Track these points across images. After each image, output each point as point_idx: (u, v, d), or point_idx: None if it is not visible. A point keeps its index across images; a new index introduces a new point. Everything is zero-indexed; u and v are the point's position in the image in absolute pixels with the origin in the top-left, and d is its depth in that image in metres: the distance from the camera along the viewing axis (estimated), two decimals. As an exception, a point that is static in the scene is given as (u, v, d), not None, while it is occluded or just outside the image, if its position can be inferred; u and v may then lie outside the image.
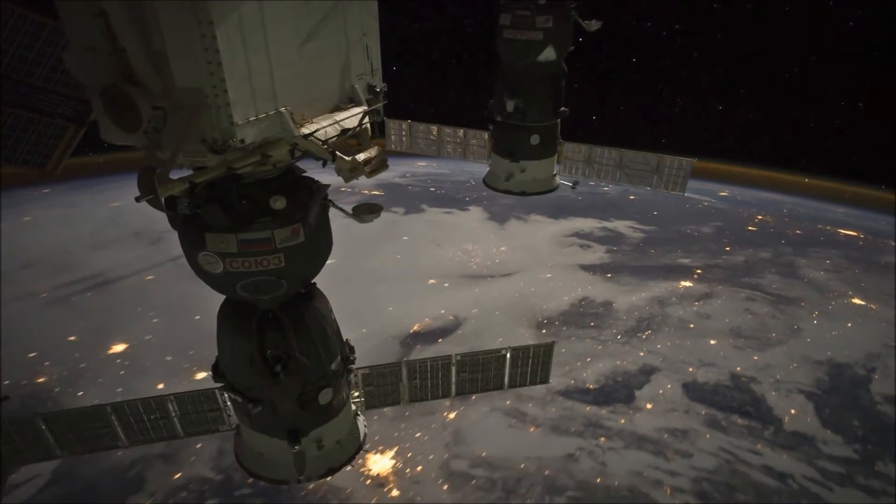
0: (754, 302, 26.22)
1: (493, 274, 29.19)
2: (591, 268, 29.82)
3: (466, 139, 8.86)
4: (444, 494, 16.74)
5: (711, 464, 17.47)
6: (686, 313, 25.42)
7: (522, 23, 6.92)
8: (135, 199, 2.80)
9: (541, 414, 19.84)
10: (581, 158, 8.23)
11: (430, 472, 17.35)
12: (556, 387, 21.11)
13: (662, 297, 26.67)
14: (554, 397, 20.64)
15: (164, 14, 2.50)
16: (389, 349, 22.64)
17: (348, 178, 3.43)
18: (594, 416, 19.66)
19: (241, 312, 3.95)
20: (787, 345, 23.13)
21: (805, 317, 25.09)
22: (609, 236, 33.77)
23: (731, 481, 16.88)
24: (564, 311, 25.72)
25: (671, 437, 18.59)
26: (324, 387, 4.25)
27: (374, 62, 3.50)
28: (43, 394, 20.38)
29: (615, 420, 19.50)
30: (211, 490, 16.65)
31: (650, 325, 24.68)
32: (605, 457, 17.91)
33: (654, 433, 18.79)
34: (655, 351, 22.92)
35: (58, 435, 5.11)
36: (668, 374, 21.58)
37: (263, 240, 3.41)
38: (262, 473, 4.75)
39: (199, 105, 2.68)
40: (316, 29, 3.01)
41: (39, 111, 4.31)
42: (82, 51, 2.77)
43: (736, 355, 22.53)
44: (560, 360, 21.96)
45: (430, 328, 24.53)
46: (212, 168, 2.95)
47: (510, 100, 7.48)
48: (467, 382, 5.72)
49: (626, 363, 22.34)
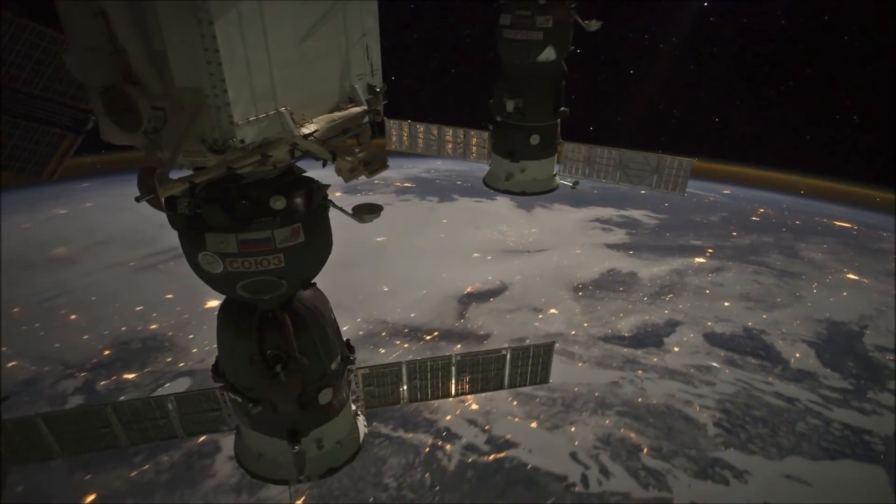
0: (760, 275, 29.86)
1: (528, 249, 32.98)
2: (615, 246, 33.51)
3: (466, 139, 8.84)
4: (514, 408, 20.48)
5: (731, 390, 21.31)
6: (701, 282, 29.33)
7: (522, 23, 6.89)
8: (135, 199, 2.78)
9: (586, 353, 23.84)
10: (581, 158, 8.19)
11: (500, 395, 20.43)
12: (597, 334, 25.16)
13: (680, 269, 30.53)
14: (595, 342, 24.59)
15: (163, 14, 2.49)
16: (450, 306, 26.97)
17: (348, 178, 3.41)
18: (631, 356, 23.55)
19: (241, 312, 3.93)
20: (791, 307, 26.85)
21: (805, 287, 28.75)
22: (627, 222, 37.46)
23: (748, 402, 20.66)
24: (595, 279, 29.77)
25: (697, 371, 22.51)
26: (324, 387, 4.23)
27: (374, 62, 3.47)
28: (160, 336, 24.09)
29: (649, 359, 23.31)
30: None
31: (671, 291, 28.66)
32: (643, 384, 21.77)
33: (682, 368, 22.67)
34: (678, 310, 26.80)
35: (58, 435, 5.10)
36: (690, 327, 25.45)
37: (263, 240, 3.40)
38: (262, 473, 4.74)
39: (199, 105, 2.66)
40: (316, 29, 2.99)
41: (37, 119, 4.31)
42: (82, 51, 2.76)
43: (747, 314, 26.28)
44: (597, 314, 26.70)
45: (480, 290, 28.59)
46: (212, 168, 2.94)
47: (510, 100, 7.45)
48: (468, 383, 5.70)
49: (654, 318, 26.23)
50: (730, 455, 18.62)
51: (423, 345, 24.25)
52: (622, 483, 17.57)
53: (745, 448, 18.95)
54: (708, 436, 19.44)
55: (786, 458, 18.55)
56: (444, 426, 19.71)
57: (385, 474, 17.75)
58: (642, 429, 19.66)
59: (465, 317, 26.45)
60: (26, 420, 5.03)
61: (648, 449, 18.80)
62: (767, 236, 34.86)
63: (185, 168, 3.03)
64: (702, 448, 18.92)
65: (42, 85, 4.07)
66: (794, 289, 28.62)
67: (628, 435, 19.39)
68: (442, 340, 24.60)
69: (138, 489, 16.99)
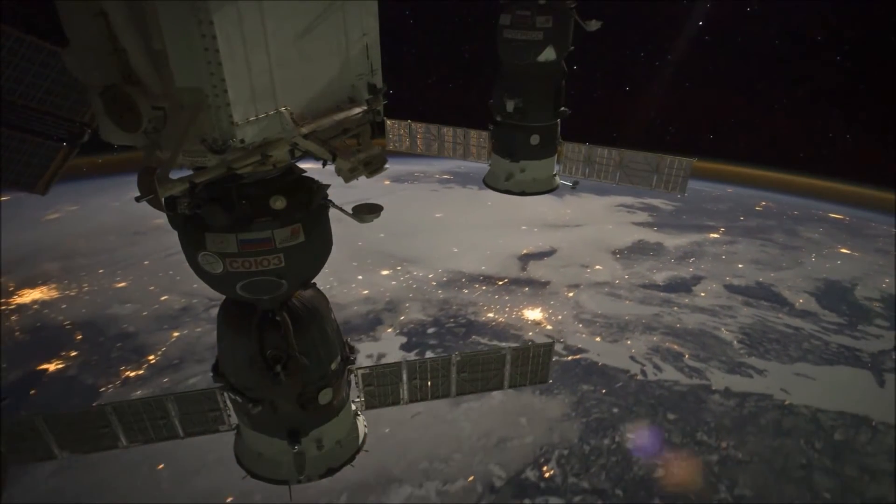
0: (766, 247, 35.99)
1: (567, 224, 39.09)
2: (640, 224, 39.84)
3: (467, 139, 8.85)
4: (580, 328, 26.48)
5: (749, 321, 27.37)
6: (718, 251, 35.45)
7: (522, 23, 6.88)
8: (135, 199, 2.75)
9: (630, 295, 29.77)
10: (581, 158, 8.22)
11: (567, 319, 27.42)
12: (636, 283, 31.03)
13: (698, 241, 36.71)
14: (636, 288, 30.50)
15: (163, 14, 2.48)
16: (512, 262, 33.11)
17: (348, 178, 3.39)
18: (666, 298, 29.58)
19: (241, 312, 3.92)
20: (794, 269, 32.83)
21: (805, 256, 34.81)
22: (647, 207, 43.45)
23: (763, 329, 26.71)
24: (629, 246, 35.81)
25: (720, 308, 28.49)
26: (324, 387, 4.22)
27: (374, 62, 3.43)
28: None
29: (681, 300, 29.39)
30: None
31: (693, 255, 34.73)
32: (679, 315, 27.79)
33: (708, 306, 28.68)
34: (700, 269, 32.90)
35: (58, 435, 5.05)
36: (711, 280, 31.47)
37: (263, 240, 3.39)
38: (262, 473, 4.72)
39: (198, 105, 2.65)
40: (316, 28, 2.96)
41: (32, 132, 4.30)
42: (82, 51, 2.75)
43: (758, 272, 32.35)
44: (634, 270, 32.72)
45: (534, 252, 34.59)
46: (212, 168, 2.92)
47: (510, 100, 7.43)
48: (467, 382, 5.64)
49: (681, 273, 32.37)
50: (752, 360, 24.14)
51: (498, 287, 29.93)
52: (671, 375, 22.99)
53: (763, 356, 24.45)
54: (734, 348, 24.95)
55: (795, 364, 24.03)
56: (528, 339, 25.09)
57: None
58: (682, 343, 25.18)
59: (526, 269, 32.06)
60: (26, 420, 4.98)
61: (689, 355, 24.28)
62: (770, 221, 40.89)
63: (185, 168, 3.01)
64: (729, 356, 24.40)
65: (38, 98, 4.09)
66: (796, 257, 34.57)
67: (672, 346, 24.89)
68: (511, 285, 30.18)
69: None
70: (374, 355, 23.80)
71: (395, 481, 17.63)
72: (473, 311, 27.52)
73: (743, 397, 21.86)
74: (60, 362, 23.50)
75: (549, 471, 18.36)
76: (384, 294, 28.84)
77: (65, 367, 23.20)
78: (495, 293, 29.32)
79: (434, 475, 17.92)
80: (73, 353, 24.01)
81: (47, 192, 4.62)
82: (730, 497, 17.45)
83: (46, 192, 4.61)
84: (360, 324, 26.23)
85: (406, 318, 26.78)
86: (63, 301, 28.08)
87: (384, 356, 23.74)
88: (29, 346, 24.42)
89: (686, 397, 21.79)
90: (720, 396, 21.86)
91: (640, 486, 17.81)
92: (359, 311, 27.26)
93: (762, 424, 20.51)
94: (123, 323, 25.74)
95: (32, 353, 23.89)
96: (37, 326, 25.96)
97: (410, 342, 24.96)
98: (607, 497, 17.47)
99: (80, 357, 23.75)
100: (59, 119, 4.28)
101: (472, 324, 26.55)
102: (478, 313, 27.39)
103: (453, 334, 25.66)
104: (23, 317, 26.83)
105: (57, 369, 23.09)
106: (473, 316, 27.14)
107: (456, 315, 27.13)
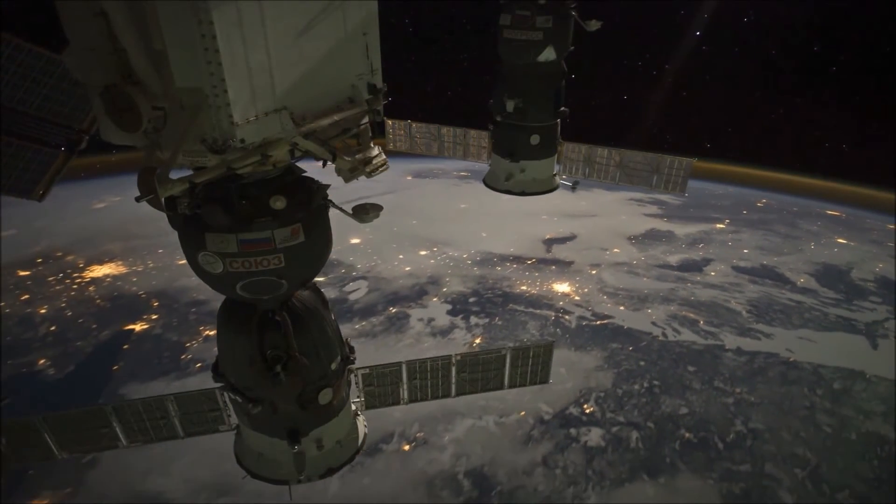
0: (769, 235, 38.82)
1: (584, 215, 41.35)
2: (651, 214, 42.51)
3: (467, 139, 8.86)
4: (605, 299, 29.46)
5: (756, 296, 30.24)
6: (724, 238, 38.30)
7: (522, 23, 6.88)
8: (135, 199, 2.76)
9: (647, 273, 32.62)
10: (581, 158, 8.24)
11: (593, 292, 30.25)
12: (652, 263, 33.78)
13: (706, 230, 39.45)
14: (652, 267, 33.31)
15: (163, 14, 2.48)
16: (538, 245, 35.98)
17: (348, 178, 3.41)
18: (680, 276, 32.43)
19: (241, 312, 3.93)
20: (795, 254, 35.58)
21: (805, 244, 37.61)
22: (655, 201, 45.86)
23: (768, 302, 29.58)
24: (642, 233, 38.56)
25: (729, 285, 31.29)
26: (324, 387, 4.23)
27: (375, 62, 3.42)
28: (336, 260, 31.33)
29: (693, 278, 32.15)
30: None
31: (702, 241, 37.51)
32: (693, 290, 30.62)
33: (719, 283, 31.61)
34: (709, 253, 35.63)
35: (58, 435, 5.05)
36: (720, 262, 34.22)
37: (263, 240, 3.40)
38: (262, 473, 4.74)
39: (199, 105, 2.65)
40: (316, 28, 2.97)
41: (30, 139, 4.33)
42: (82, 51, 2.75)
43: (762, 256, 35.19)
44: (649, 252, 35.51)
45: (557, 237, 37.43)
46: (212, 168, 2.93)
47: (510, 100, 7.43)
48: (467, 382, 5.66)
49: (692, 256, 35.12)
50: (759, 326, 27.13)
51: (528, 265, 32.85)
52: (688, 337, 25.97)
53: (769, 324, 27.47)
54: (743, 316, 27.98)
55: (798, 329, 27.03)
56: (559, 307, 28.05)
57: (528, 329, 26.00)
58: (697, 312, 28.18)
59: (550, 251, 35.05)
60: (26, 420, 4.99)
61: (703, 321, 27.26)
62: (771, 215, 43.83)
63: (185, 168, 3.02)
64: (740, 322, 27.40)
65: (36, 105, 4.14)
66: (796, 244, 37.52)
67: (688, 314, 27.92)
68: (539, 264, 33.14)
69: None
70: (425, 319, 26.77)
71: (459, 414, 20.51)
72: (508, 285, 30.45)
73: (752, 355, 24.86)
74: (144, 324, 26.26)
75: (588, 408, 21.32)
76: (425, 270, 31.82)
77: (149, 327, 25.95)
78: (525, 270, 32.28)
79: (491, 411, 20.80)
80: (154, 316, 26.77)
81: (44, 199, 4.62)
82: (745, 429, 20.34)
83: (43, 199, 4.61)
84: (408, 294, 29.29)
85: (448, 290, 29.79)
86: (132, 276, 30.73)
87: (433, 320, 26.71)
88: (112, 311, 27.14)
89: (703, 354, 24.81)
90: (733, 354, 24.88)
91: (668, 420, 20.70)
92: (405, 284, 30.28)
93: (770, 376, 23.50)
94: (194, 292, 28.26)
95: (117, 316, 26.66)
96: (114, 295, 28.62)
97: (455, 309, 27.97)
98: (641, 428, 20.34)
99: (160, 319, 26.48)
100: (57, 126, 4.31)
101: (507, 295, 29.53)
102: (512, 286, 30.32)
103: (492, 303, 28.58)
104: (99, 288, 29.56)
105: (143, 329, 25.82)
106: (508, 288, 30.07)
107: (492, 287, 30.14)
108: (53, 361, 23.59)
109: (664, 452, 19.30)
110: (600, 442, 19.77)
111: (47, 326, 26.18)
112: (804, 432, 20.36)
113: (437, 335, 25.64)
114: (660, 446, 19.57)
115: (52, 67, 4.09)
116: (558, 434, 20.10)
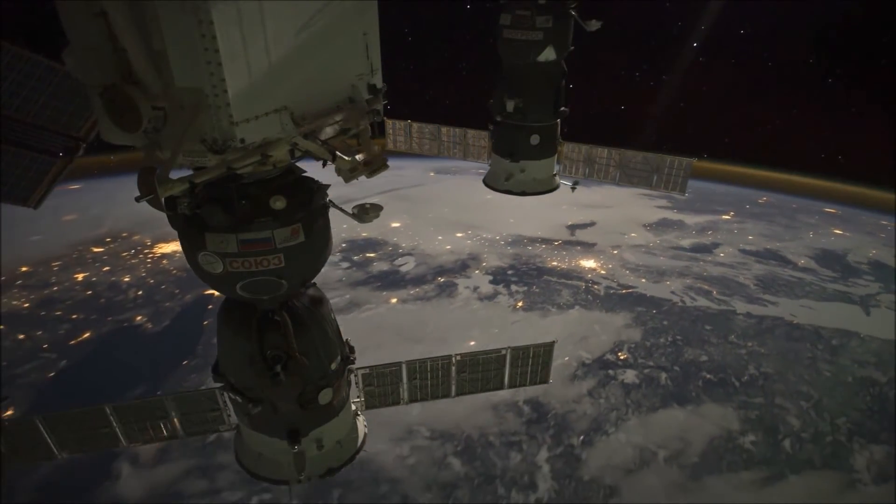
0: (771, 226, 42.23)
1: (600, 206, 44.36)
2: (661, 206, 45.58)
3: (467, 139, 8.89)
4: (627, 273, 33.11)
5: (761, 273, 33.79)
6: (730, 227, 42.00)
7: (522, 23, 6.88)
8: (135, 199, 2.75)
9: (663, 253, 36.23)
10: (581, 158, 8.26)
11: (616, 267, 33.88)
12: (667, 245, 37.37)
13: (713, 220, 42.84)
14: (667, 249, 37.02)
15: (164, 14, 2.48)
16: (561, 229, 39.57)
17: (348, 178, 3.39)
18: (692, 256, 36.02)
19: (241, 312, 3.94)
20: (795, 241, 39.09)
21: (804, 234, 41.07)
22: (664, 196, 47.64)
23: (773, 277, 33.09)
24: (655, 222, 42.08)
25: (738, 264, 34.87)
26: (324, 387, 4.23)
27: (375, 61, 3.41)
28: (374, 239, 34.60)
29: (704, 258, 35.76)
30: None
31: (710, 230, 41.02)
32: (705, 267, 34.17)
33: (727, 262, 35.10)
34: (718, 238, 39.27)
35: (58, 435, 5.04)
36: (728, 246, 37.72)
37: (263, 240, 3.40)
38: (262, 473, 4.75)
39: (198, 105, 2.65)
40: (316, 28, 2.96)
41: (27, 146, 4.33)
42: (82, 51, 2.75)
43: (765, 242, 38.66)
44: (663, 237, 39.22)
45: (578, 224, 40.91)
46: (212, 168, 2.92)
47: (510, 100, 7.43)
48: (467, 382, 5.66)
49: (703, 240, 38.70)
50: (766, 296, 30.82)
51: (555, 246, 36.43)
52: (704, 303, 29.56)
53: (775, 294, 31.19)
54: (751, 288, 31.69)
55: (800, 300, 30.69)
56: (588, 279, 31.54)
57: (562, 295, 29.44)
58: (710, 284, 31.85)
59: (574, 235, 38.60)
60: (26, 420, 4.98)
61: (716, 292, 30.80)
62: (772, 210, 46.96)
63: (185, 168, 3.01)
64: (748, 293, 31.07)
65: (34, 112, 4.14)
66: (796, 234, 41.02)
67: (702, 286, 31.54)
68: (566, 245, 36.66)
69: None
70: (471, 287, 30.25)
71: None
72: (540, 261, 34.11)
73: (761, 318, 28.54)
74: (222, 290, 29.57)
75: (622, 355, 24.78)
76: (464, 249, 35.39)
77: (227, 293, 29.26)
78: (553, 250, 35.89)
79: (538, 356, 24.17)
80: (230, 284, 30.11)
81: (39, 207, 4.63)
82: (757, 372, 23.73)
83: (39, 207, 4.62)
84: (453, 267, 32.99)
85: (487, 265, 33.49)
86: (199, 252, 34.15)
87: (478, 287, 30.17)
88: (190, 279, 30.23)
89: (717, 317, 28.51)
90: (743, 317, 28.59)
91: (691, 365, 24.15)
92: (448, 259, 33.92)
93: (777, 334, 27.17)
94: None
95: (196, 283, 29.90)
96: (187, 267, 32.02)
97: (496, 279, 31.69)
98: (668, 370, 23.74)
99: (237, 286, 29.87)
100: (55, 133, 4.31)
101: (541, 269, 33.42)
102: (544, 262, 34.01)
103: (528, 275, 32.32)
104: (171, 261, 32.79)
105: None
106: (541, 263, 33.75)
107: (527, 262, 33.83)
108: (149, 317, 26.87)
109: (689, 388, 22.84)
110: (635, 380, 23.28)
111: (134, 291, 29.51)
112: (808, 375, 23.86)
113: (484, 300, 29.15)
114: (686, 383, 23.09)
115: (50, 75, 4.11)
116: (599, 374, 23.64)
